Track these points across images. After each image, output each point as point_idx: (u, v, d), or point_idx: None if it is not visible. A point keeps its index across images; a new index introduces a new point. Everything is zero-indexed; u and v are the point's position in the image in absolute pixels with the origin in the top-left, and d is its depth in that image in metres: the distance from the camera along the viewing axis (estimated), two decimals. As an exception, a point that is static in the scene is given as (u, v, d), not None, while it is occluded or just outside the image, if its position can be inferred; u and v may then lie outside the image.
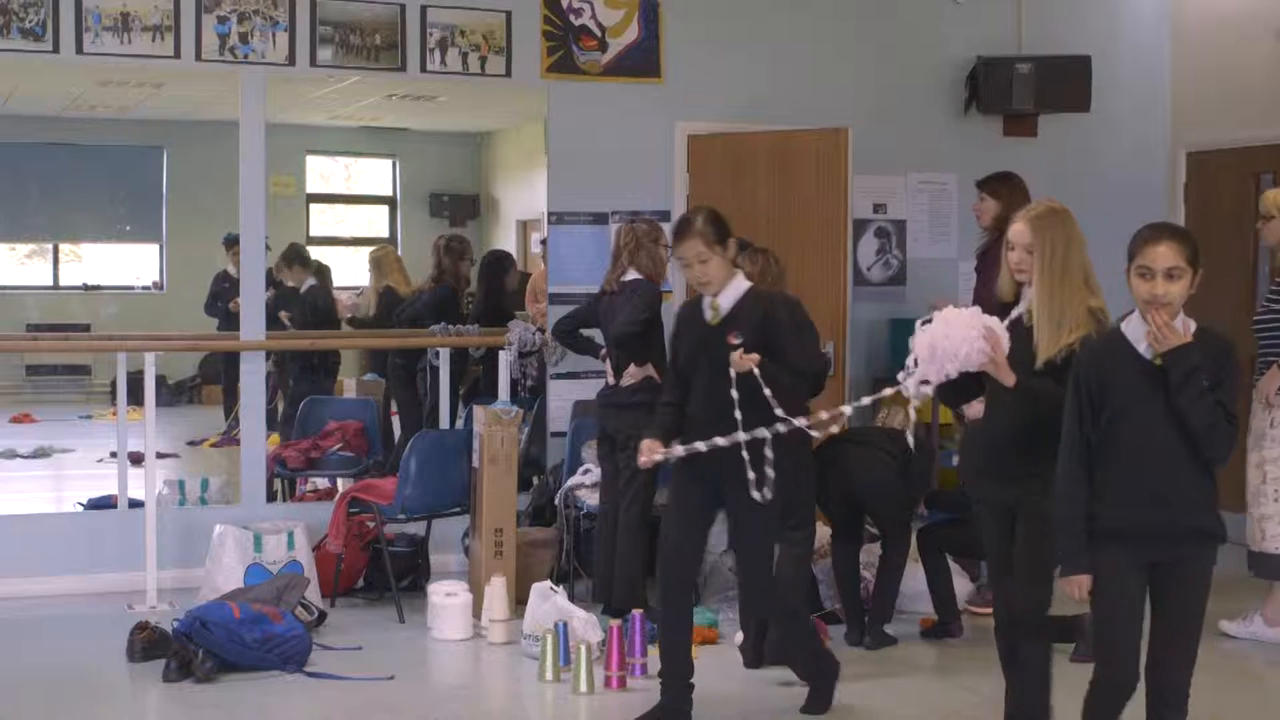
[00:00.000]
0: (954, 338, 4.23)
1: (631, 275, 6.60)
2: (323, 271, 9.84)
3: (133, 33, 7.08)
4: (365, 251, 14.09)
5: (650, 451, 4.94)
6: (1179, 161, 8.93)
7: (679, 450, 4.88)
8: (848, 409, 4.99)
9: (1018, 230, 4.46)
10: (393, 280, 9.64)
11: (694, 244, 4.95)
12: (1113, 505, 3.94)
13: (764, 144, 7.90)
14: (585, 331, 6.96)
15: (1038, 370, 4.33)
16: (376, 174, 14.31)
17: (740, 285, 5.06)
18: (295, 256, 9.49)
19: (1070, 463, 4.02)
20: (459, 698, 5.71)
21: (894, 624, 6.37)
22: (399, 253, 10.86)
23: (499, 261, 9.33)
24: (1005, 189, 6.77)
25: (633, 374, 6.52)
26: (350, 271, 12.15)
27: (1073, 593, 3.99)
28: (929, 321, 4.30)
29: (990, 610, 6.08)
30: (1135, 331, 3.94)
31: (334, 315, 9.67)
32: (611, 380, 6.62)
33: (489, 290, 8.90)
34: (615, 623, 5.73)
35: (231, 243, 10.12)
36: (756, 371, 4.77)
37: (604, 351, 6.77)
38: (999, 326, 4.28)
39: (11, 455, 10.24)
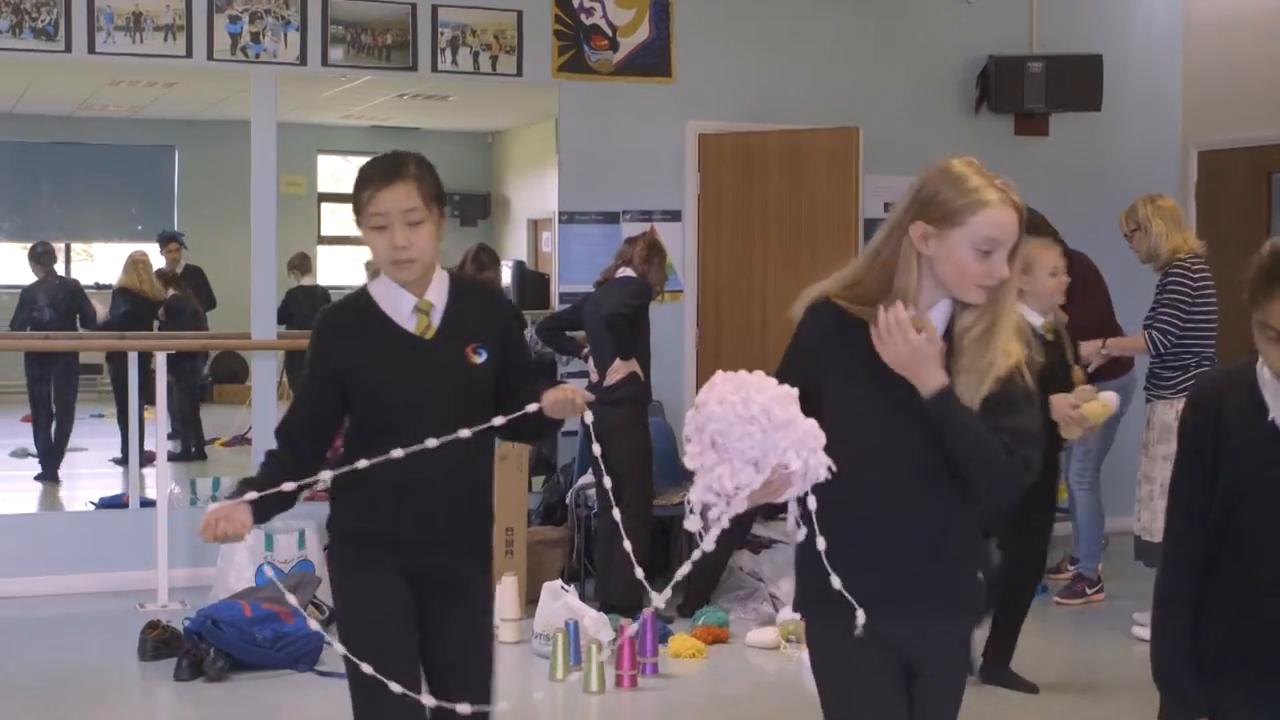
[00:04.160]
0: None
1: (626, 273, 6.63)
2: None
3: (144, 32, 7.09)
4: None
5: None
6: (1190, 160, 8.90)
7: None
8: None
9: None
10: (128, 281, 10.16)
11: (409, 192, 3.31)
12: (1232, 633, 2.62)
13: (775, 143, 7.89)
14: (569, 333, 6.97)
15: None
16: (387, 173, 14.29)
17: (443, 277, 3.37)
18: None
19: (1174, 571, 2.67)
20: (469, 697, 5.71)
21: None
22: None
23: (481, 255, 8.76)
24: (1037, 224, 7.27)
25: (617, 369, 6.50)
26: (354, 272, 12.15)
27: None
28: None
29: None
30: (1275, 388, 2.55)
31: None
32: (594, 378, 6.62)
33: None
34: (626, 622, 5.74)
35: (167, 240, 10.39)
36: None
37: (586, 350, 6.79)
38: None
39: (24, 454, 10.25)
